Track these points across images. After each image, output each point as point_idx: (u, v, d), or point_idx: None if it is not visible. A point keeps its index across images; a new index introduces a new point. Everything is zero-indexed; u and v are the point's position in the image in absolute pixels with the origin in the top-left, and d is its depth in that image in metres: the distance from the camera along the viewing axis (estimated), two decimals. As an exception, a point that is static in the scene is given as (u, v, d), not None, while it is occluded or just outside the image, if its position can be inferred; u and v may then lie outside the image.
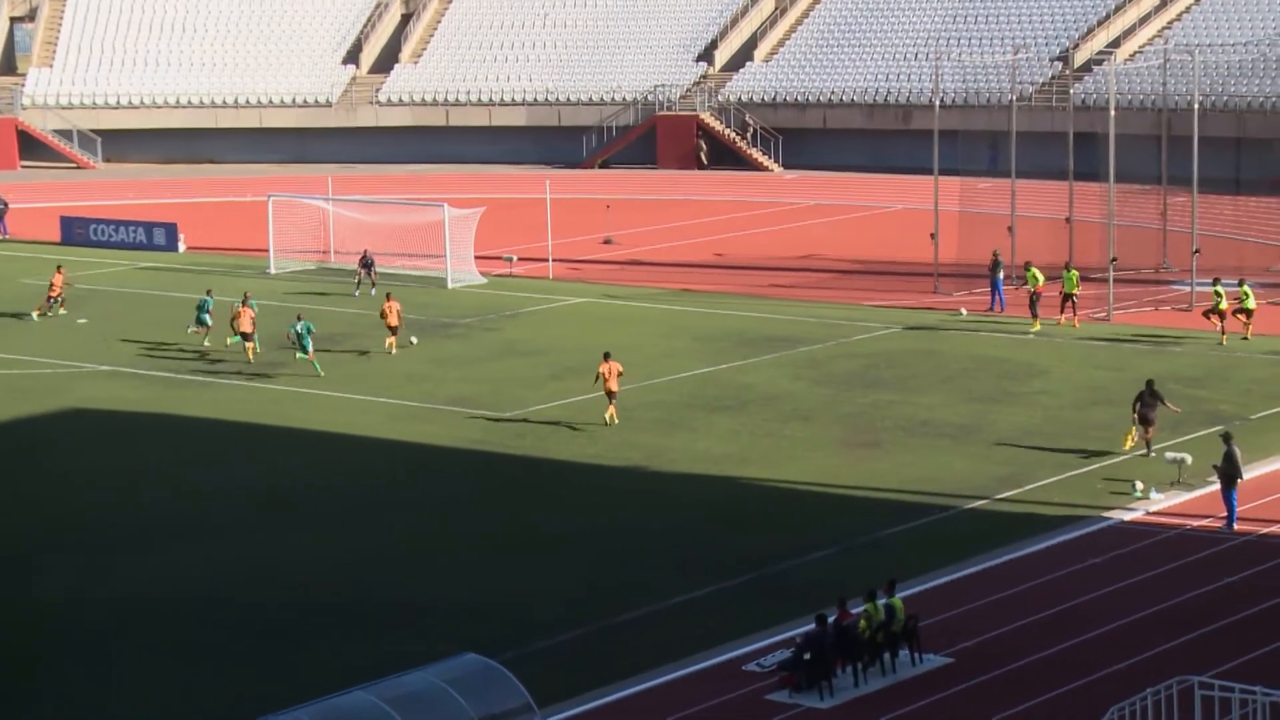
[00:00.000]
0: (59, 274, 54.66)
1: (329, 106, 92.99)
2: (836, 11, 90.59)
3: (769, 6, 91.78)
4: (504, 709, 23.64)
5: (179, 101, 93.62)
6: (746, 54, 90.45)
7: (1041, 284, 49.91)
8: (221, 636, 29.04)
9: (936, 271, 55.39)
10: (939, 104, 57.52)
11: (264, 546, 33.38)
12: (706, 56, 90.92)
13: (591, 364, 45.78)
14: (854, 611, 27.05)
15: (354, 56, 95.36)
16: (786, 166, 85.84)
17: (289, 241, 61.06)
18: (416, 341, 49.16)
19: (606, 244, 65.51)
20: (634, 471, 37.34)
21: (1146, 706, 23.06)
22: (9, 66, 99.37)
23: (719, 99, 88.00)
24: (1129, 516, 33.74)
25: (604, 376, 40.41)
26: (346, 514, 35.14)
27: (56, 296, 54.01)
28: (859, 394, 43.21)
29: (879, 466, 37.24)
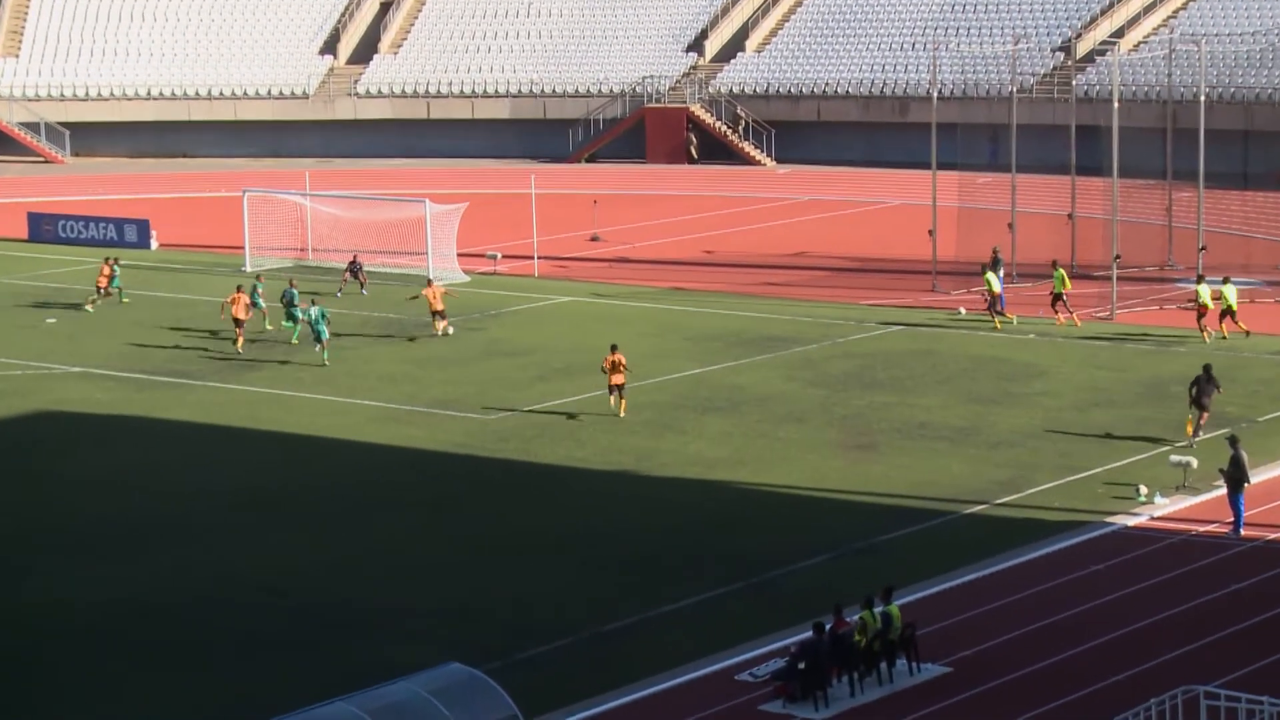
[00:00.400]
0: (107, 265, 54.73)
1: (306, 98, 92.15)
2: (830, 0, 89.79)
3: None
4: None
5: (151, 93, 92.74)
6: (738, 44, 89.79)
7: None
8: (199, 644, 28.73)
9: (935, 269, 55.04)
10: (937, 96, 57.06)
11: (243, 551, 33.03)
12: (696, 47, 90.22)
13: (579, 364, 45.63)
14: (850, 619, 26.80)
15: (331, 47, 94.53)
16: (779, 161, 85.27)
17: (265, 238, 60.51)
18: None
19: (594, 241, 64.94)
20: (624, 475, 37.03)
21: (1151, 717, 23.08)
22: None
23: (710, 91, 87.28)
24: (1132, 522, 33.45)
25: (607, 369, 40.62)
26: (328, 518, 34.81)
27: (104, 287, 54.26)
28: (855, 395, 42.75)
29: (875, 470, 36.91)
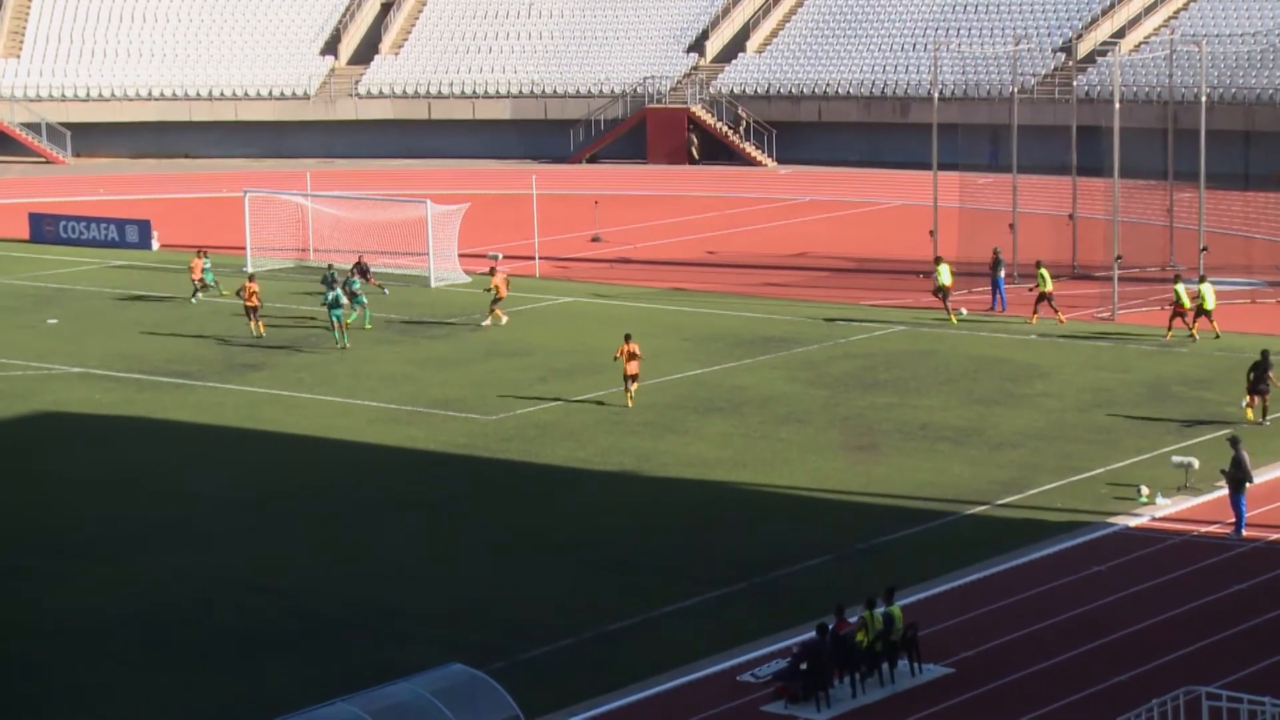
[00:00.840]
0: (198, 259, 55.23)
1: (307, 99, 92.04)
2: (831, 1, 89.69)
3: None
4: None
5: (152, 94, 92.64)
6: (739, 45, 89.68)
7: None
8: (201, 645, 28.62)
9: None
10: (938, 96, 56.98)
11: (244, 552, 32.93)
12: (697, 47, 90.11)
13: (580, 365, 45.44)
14: (851, 620, 26.77)
15: (332, 47, 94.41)
16: (781, 161, 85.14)
17: (266, 239, 60.44)
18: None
19: (595, 241, 64.82)
20: (625, 476, 36.91)
21: (1153, 717, 23.08)
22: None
23: (710, 91, 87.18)
24: (1134, 522, 33.38)
25: (623, 358, 41.13)
26: (329, 519, 34.68)
27: (199, 280, 54.67)
28: (856, 396, 42.62)
29: (877, 471, 36.81)
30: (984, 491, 35.10)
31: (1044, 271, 49.85)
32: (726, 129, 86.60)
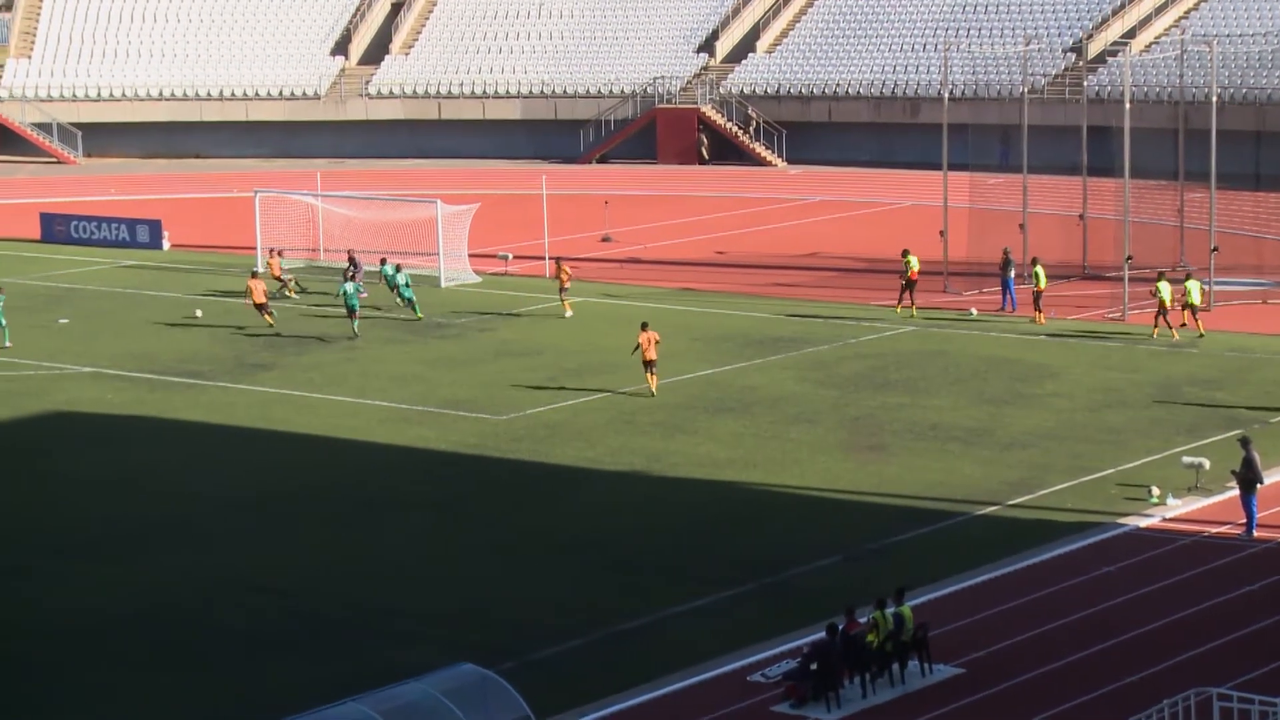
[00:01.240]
0: (274, 256, 56.00)
1: (317, 99, 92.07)
2: (841, 1, 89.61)
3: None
4: None
5: (162, 94, 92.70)
6: (749, 45, 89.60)
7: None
8: (209, 645, 28.57)
9: (946, 270, 54.85)
10: (948, 97, 56.97)
11: (253, 553, 32.90)
12: (708, 47, 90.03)
13: (590, 365, 45.43)
14: (862, 620, 26.74)
15: (343, 47, 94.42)
16: (790, 161, 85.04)
17: (277, 239, 60.32)
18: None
19: (605, 242, 64.76)
20: (635, 476, 36.88)
21: (1164, 718, 23.06)
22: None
23: (721, 91, 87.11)
24: (1145, 523, 33.30)
25: (642, 346, 41.92)
26: (338, 519, 34.66)
27: (279, 276, 55.21)
28: (866, 396, 42.57)
29: (887, 471, 36.74)
30: (994, 492, 35.03)
31: (1039, 270, 49.95)
32: (736, 129, 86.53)
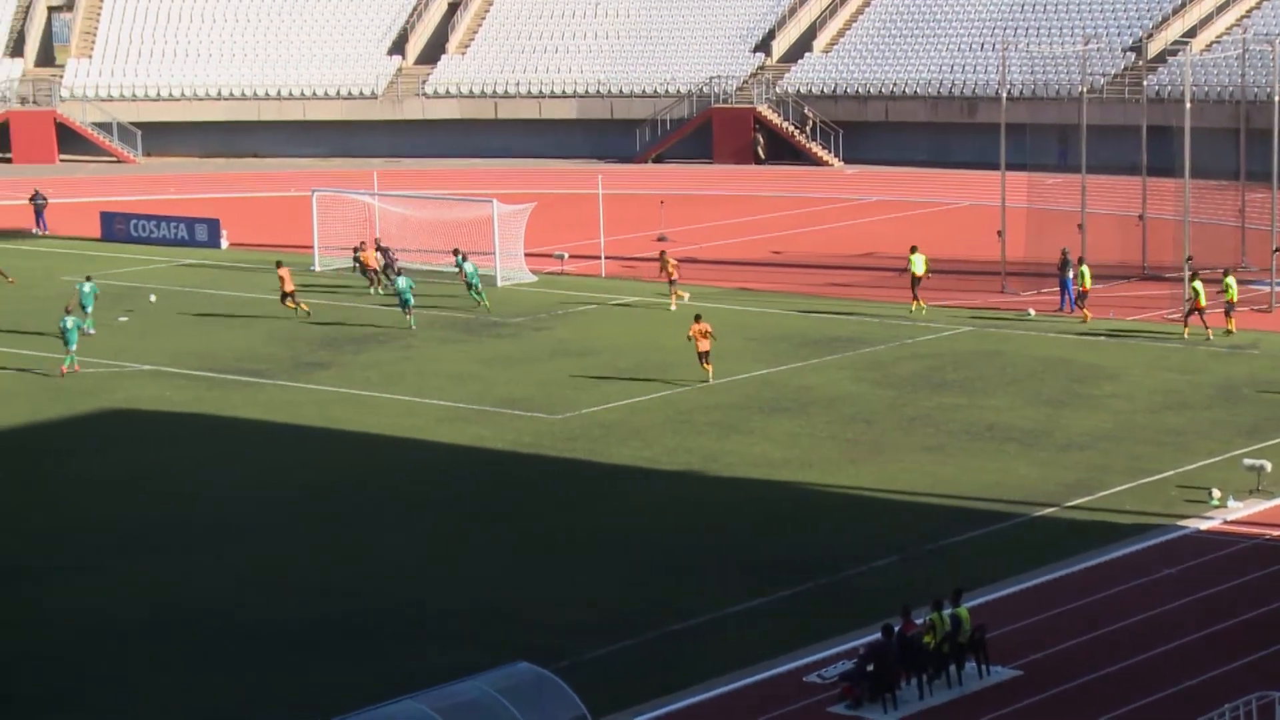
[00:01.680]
0: (371, 251, 56.11)
1: (374, 99, 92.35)
2: (898, 0, 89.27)
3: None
4: (558, 719, 23.34)
5: (221, 94, 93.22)
6: (805, 44, 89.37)
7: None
8: (268, 643, 28.65)
9: (1004, 270, 54.60)
10: (1006, 96, 56.60)
11: (311, 551, 32.99)
12: (764, 47, 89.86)
13: (645, 364, 45.44)
14: (918, 622, 26.63)
15: (400, 47, 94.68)
16: (847, 161, 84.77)
17: (334, 238, 60.60)
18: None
19: (661, 241, 64.62)
20: (690, 475, 36.84)
21: None
22: (47, 58, 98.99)
23: (777, 91, 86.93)
24: (1205, 525, 33.09)
25: (695, 337, 42.94)
26: (396, 518, 34.75)
27: (375, 269, 55.39)
28: (923, 396, 42.42)
29: (944, 472, 36.63)
30: (1052, 493, 34.85)
31: (1084, 269, 49.68)
32: (793, 129, 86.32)
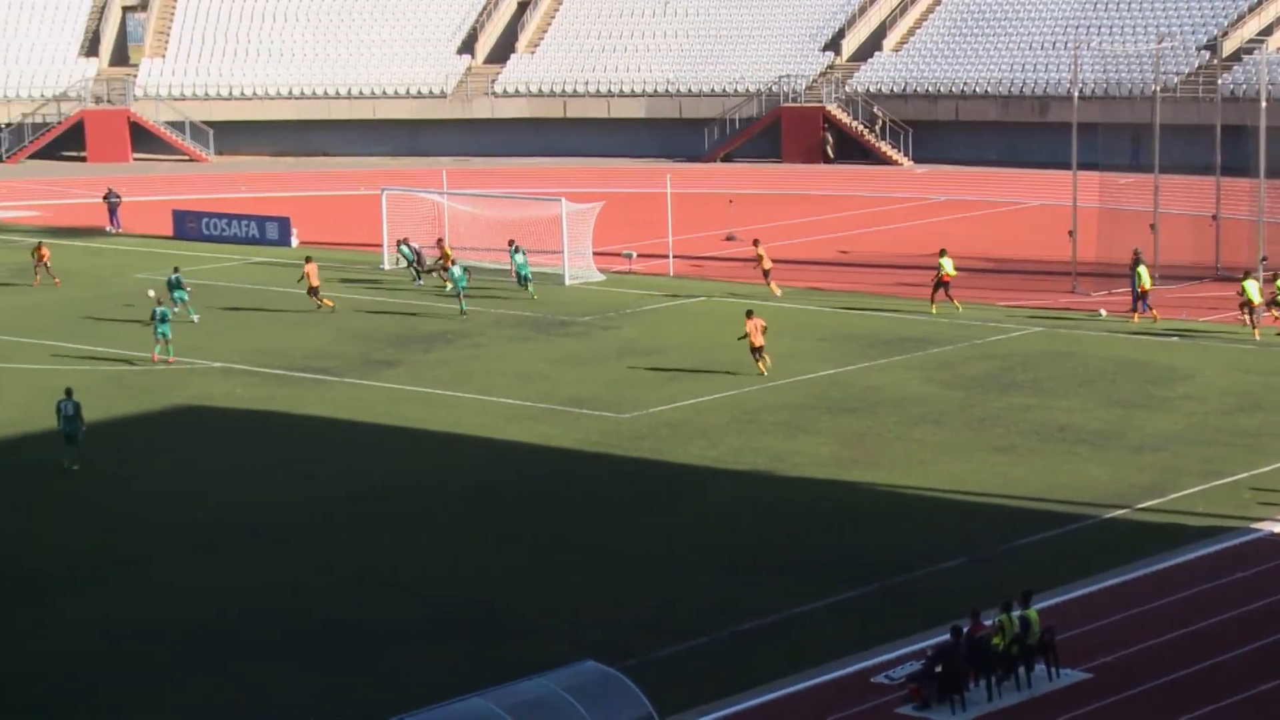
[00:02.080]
0: (441, 248, 56.76)
1: (444, 98, 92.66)
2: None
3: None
4: (625, 718, 23.41)
5: (292, 93, 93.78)
6: (875, 43, 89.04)
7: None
8: (336, 640, 28.77)
9: (1075, 270, 54.27)
10: (1078, 95, 56.29)
11: (378, 549, 33.08)
12: (833, 46, 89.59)
13: (713, 364, 45.33)
14: (987, 623, 26.50)
15: (469, 46, 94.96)
16: (916, 160, 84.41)
17: (403, 236, 60.62)
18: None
19: (729, 241, 64.55)
20: (757, 475, 36.74)
21: None
22: (121, 57, 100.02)
23: (846, 90, 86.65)
24: (1279, 528, 32.63)
25: (750, 333, 43.67)
26: (462, 517, 34.87)
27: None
28: (992, 397, 42.18)
29: (1013, 473, 36.42)
30: (1123, 495, 34.58)
31: (1141, 269, 49.40)
32: (862, 128, 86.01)
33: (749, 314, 44.45)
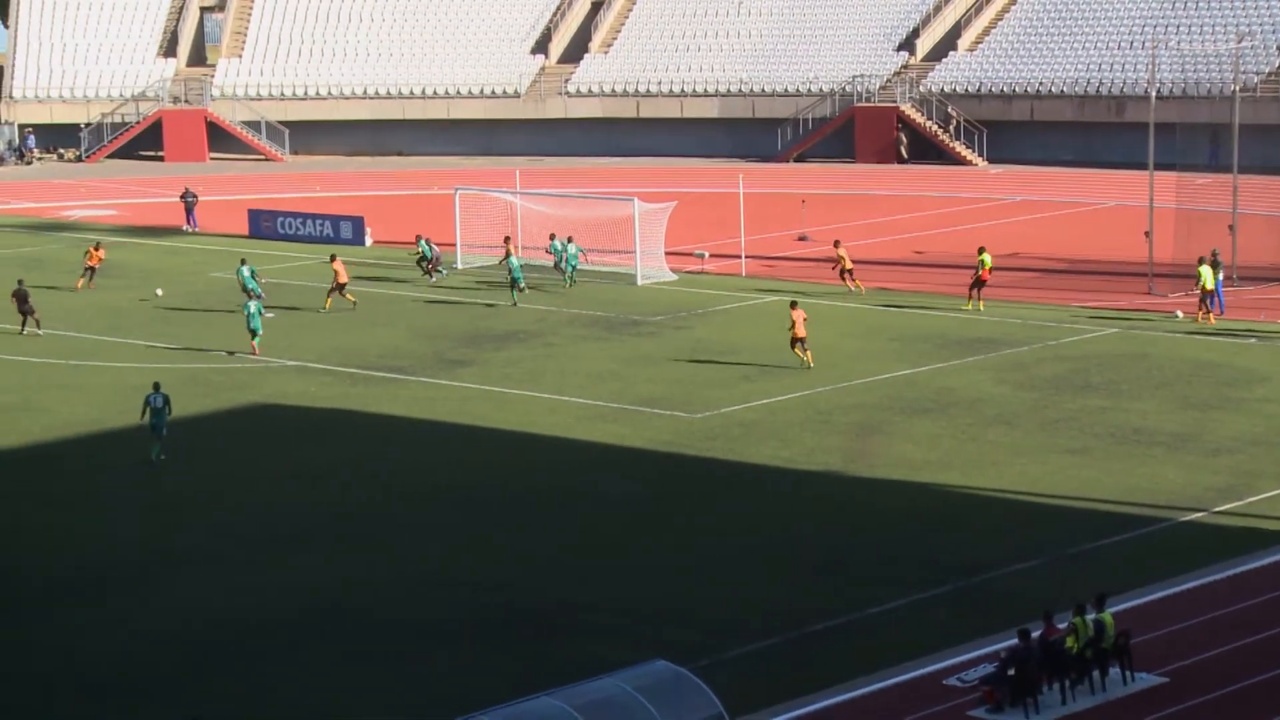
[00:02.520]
0: (507, 244, 56.60)
1: (517, 98, 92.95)
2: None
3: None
4: (696, 718, 23.39)
5: (366, 93, 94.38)
6: (950, 43, 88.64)
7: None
8: (404, 639, 28.82)
9: (1151, 271, 53.80)
10: (1155, 95, 55.75)
11: (450, 547, 33.17)
12: (908, 45, 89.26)
13: (785, 364, 45.17)
14: (1060, 626, 26.30)
15: (543, 46, 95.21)
16: (991, 161, 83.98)
17: (476, 235, 61.02)
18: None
19: (802, 241, 64.43)
20: (830, 475, 36.64)
21: None
22: (199, 57, 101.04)
23: (920, 90, 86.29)
24: (1359, 533, 32.29)
25: (795, 323, 44.31)
26: (535, 515, 34.90)
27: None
28: (1067, 399, 41.87)
29: (1087, 475, 36.16)
30: (1199, 498, 34.27)
31: (1204, 269, 48.91)
32: (936, 128, 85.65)
33: (793, 304, 45.26)
